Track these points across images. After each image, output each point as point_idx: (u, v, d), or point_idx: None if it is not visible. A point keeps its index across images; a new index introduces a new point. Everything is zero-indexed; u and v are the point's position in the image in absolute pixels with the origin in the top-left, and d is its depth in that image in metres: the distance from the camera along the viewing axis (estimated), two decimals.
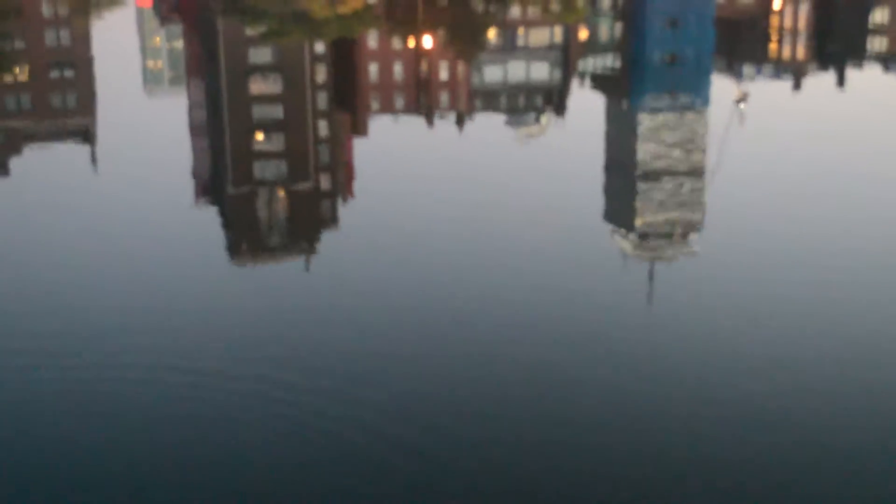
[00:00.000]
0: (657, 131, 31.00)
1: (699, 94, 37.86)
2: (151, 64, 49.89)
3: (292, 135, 31.60)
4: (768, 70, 43.49)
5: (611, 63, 45.66)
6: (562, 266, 19.50)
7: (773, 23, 60.75)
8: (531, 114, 35.00)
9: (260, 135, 31.54)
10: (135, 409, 14.10)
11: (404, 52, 49.86)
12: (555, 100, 37.48)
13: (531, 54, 47.66)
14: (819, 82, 39.69)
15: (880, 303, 17.65)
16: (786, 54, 48.86)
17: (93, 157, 28.83)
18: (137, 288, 18.57)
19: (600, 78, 41.92)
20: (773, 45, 51.94)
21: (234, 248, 21.08)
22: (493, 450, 12.99)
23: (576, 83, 41.06)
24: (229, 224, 22.72)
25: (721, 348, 15.89)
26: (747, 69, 43.68)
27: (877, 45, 51.62)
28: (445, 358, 15.58)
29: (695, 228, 21.96)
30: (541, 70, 43.40)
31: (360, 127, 33.20)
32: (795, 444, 13.09)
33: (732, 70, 43.01)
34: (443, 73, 43.45)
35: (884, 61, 45.43)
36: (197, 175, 26.95)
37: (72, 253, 20.54)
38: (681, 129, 31.31)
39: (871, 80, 40.38)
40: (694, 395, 14.39)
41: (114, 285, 18.73)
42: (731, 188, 24.81)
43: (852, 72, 42.00)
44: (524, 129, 32.49)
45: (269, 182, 26.40)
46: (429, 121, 33.78)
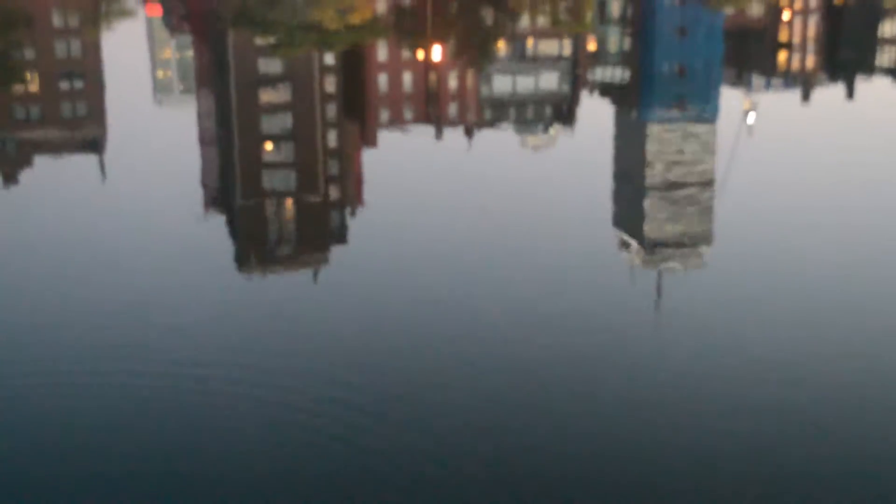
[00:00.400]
0: (666, 142, 31.00)
1: (708, 105, 37.87)
2: (161, 74, 50.03)
3: (301, 145, 31.65)
4: (777, 81, 43.48)
5: (620, 74, 45.68)
6: (571, 277, 19.49)
7: (783, 34, 60.73)
8: (540, 124, 35.02)
9: (269, 145, 31.60)
10: (141, 417, 14.11)
11: (414, 63, 49.93)
12: (564, 110, 37.50)
13: (540, 65, 47.70)
14: (828, 94, 39.67)
15: (893, 311, 17.61)
16: (795, 65, 48.84)
17: (102, 166, 28.90)
18: (146, 298, 18.60)
19: (609, 89, 41.95)
20: (782, 57, 51.93)
21: (242, 258, 21.11)
22: (503, 459, 12.98)
23: (585, 94, 41.08)
24: (238, 234, 22.76)
25: (730, 359, 15.86)
26: (756, 80, 43.68)
27: (886, 56, 51.58)
28: (454, 367, 15.58)
29: (704, 239, 21.94)
30: (550, 81, 43.44)
31: (369, 138, 33.25)
32: (807, 457, 13.05)
33: (741, 81, 43.01)
34: (452, 83, 43.51)
35: (893, 73, 45.38)
36: (206, 185, 27.00)
37: (80, 263, 20.58)
38: (690, 140, 31.31)
39: (880, 92, 40.34)
40: (703, 405, 14.36)
41: (122, 295, 18.75)
42: (740, 199, 24.79)
43: (862, 83, 41.98)
44: (533, 139, 32.51)
45: (278, 193, 26.43)
46: (438, 132, 33.81)
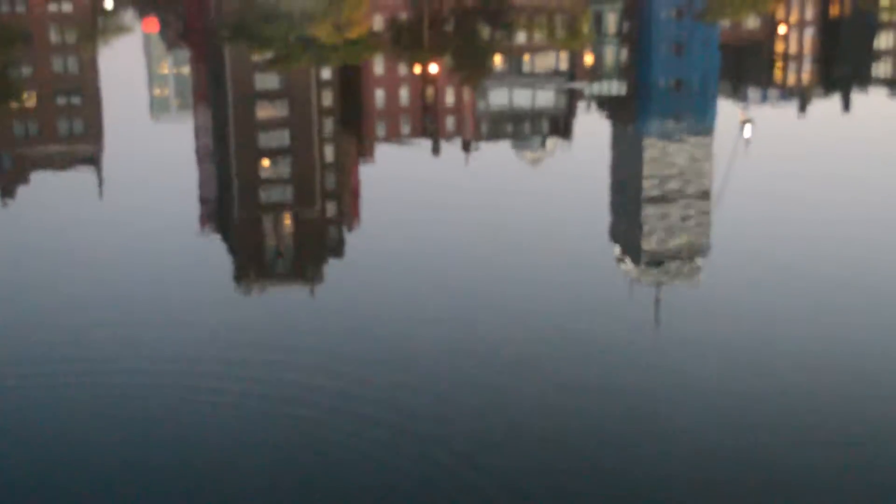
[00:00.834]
0: (663, 156, 31.03)
1: (704, 118, 37.92)
2: (158, 90, 50.06)
3: (299, 160, 31.67)
4: (773, 94, 43.55)
5: (616, 88, 45.75)
6: (567, 291, 19.48)
7: (779, 47, 60.87)
8: (537, 138, 35.05)
9: (266, 161, 31.61)
10: (136, 434, 14.08)
11: (411, 78, 50.00)
12: (560, 125, 37.54)
13: (537, 80, 47.77)
14: (824, 106, 39.73)
15: (890, 325, 17.60)
16: (791, 79, 48.93)
17: (99, 182, 28.90)
18: (142, 314, 18.58)
19: (606, 103, 42.00)
20: (778, 70, 52.03)
21: (240, 274, 21.10)
22: (502, 474, 12.96)
23: (581, 108, 41.12)
24: (235, 250, 22.75)
25: (728, 371, 15.84)
26: (752, 93, 43.75)
27: (882, 69, 51.68)
28: (451, 383, 15.56)
29: (701, 252, 21.95)
30: (546, 95, 43.50)
31: (366, 152, 33.26)
32: (807, 471, 13.04)
33: (737, 94, 43.08)
34: (449, 98, 43.56)
35: (889, 85, 45.47)
36: (203, 201, 27.00)
37: (77, 279, 20.57)
38: (686, 153, 31.34)
39: (876, 105, 40.41)
40: (701, 417, 14.35)
41: (119, 311, 18.73)
42: (737, 212, 24.81)
43: (858, 96, 42.06)
44: (530, 153, 32.53)
45: (275, 208, 26.44)
46: (435, 146, 33.83)
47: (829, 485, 12.71)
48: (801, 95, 42.73)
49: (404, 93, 45.41)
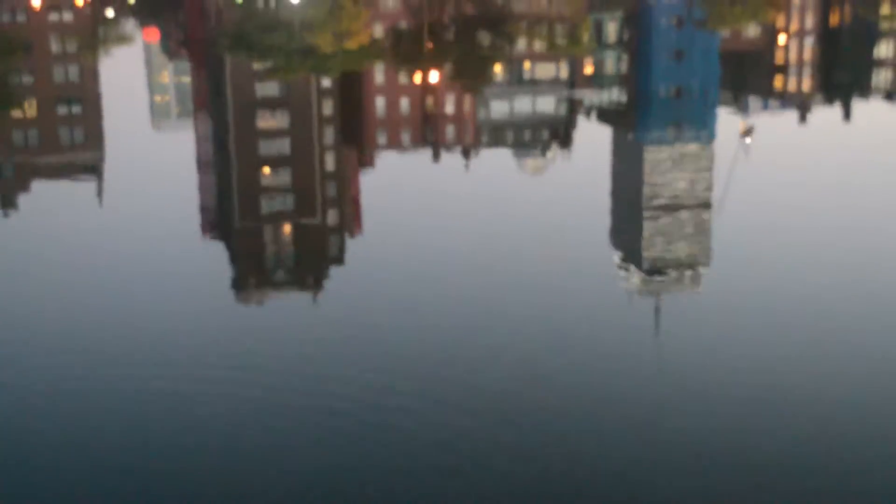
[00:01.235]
0: (663, 164, 31.04)
1: (705, 127, 37.94)
2: (159, 99, 50.11)
3: (299, 169, 31.68)
4: (774, 103, 43.58)
5: (617, 96, 45.79)
6: (568, 300, 19.47)
7: (779, 56, 60.93)
8: (537, 147, 35.07)
9: (267, 169, 31.63)
10: (135, 442, 14.06)
11: (411, 87, 50.04)
12: (561, 133, 37.56)
13: (537, 88, 47.81)
14: (825, 115, 39.75)
15: (891, 334, 17.58)
16: (791, 87, 48.97)
17: (99, 191, 28.91)
18: (143, 322, 18.56)
19: (606, 111, 42.03)
20: (778, 79, 52.08)
21: (240, 282, 21.09)
22: (507, 479, 12.94)
23: (582, 116, 41.15)
24: (236, 258, 22.75)
25: (729, 380, 15.83)
26: (753, 102, 43.78)
27: (882, 77, 51.73)
28: (452, 389, 15.54)
29: (701, 261, 21.94)
30: (547, 104, 43.53)
31: (366, 161, 33.28)
32: (806, 485, 13.02)
33: (738, 103, 43.11)
34: (449, 107, 43.60)
35: (889, 95, 45.50)
36: (204, 209, 27.00)
37: (78, 287, 20.55)
38: (687, 162, 31.35)
39: (876, 113, 40.43)
40: (704, 424, 14.33)
41: (120, 320, 18.72)
42: (738, 221, 24.80)
43: (858, 105, 42.08)
44: (531, 162, 32.55)
45: (276, 216, 26.44)
46: (435, 154, 33.84)
47: (834, 492, 12.70)
48: (801, 104, 42.76)
49: (405, 101, 45.46)
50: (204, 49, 70.60)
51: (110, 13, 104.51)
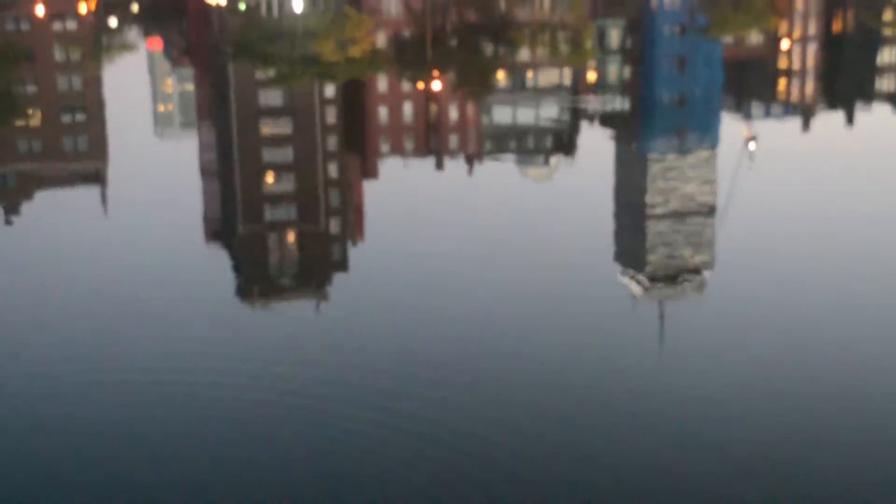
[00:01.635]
0: (666, 172, 31.04)
1: (708, 134, 37.93)
2: (162, 107, 50.17)
3: (302, 177, 31.70)
4: (777, 110, 43.58)
5: (620, 104, 45.80)
6: (572, 307, 19.46)
7: (782, 63, 60.93)
8: (540, 155, 35.08)
9: (270, 177, 31.65)
10: (141, 448, 14.06)
11: (414, 95, 50.07)
12: (564, 141, 37.57)
13: (540, 96, 47.83)
14: (828, 122, 39.74)
15: (893, 338, 17.57)
16: (794, 94, 48.97)
17: (103, 199, 28.94)
18: (147, 330, 18.57)
19: (609, 118, 42.03)
20: (781, 85, 52.08)
21: (244, 290, 21.10)
22: (504, 490, 12.94)
23: (585, 124, 41.15)
24: (240, 266, 22.76)
25: (731, 388, 15.81)
26: (756, 109, 43.77)
27: (885, 84, 51.72)
28: (455, 397, 15.53)
29: (705, 268, 21.93)
30: (550, 111, 43.54)
31: (369, 169, 33.30)
32: (809, 492, 13.01)
33: (741, 110, 43.11)
34: (452, 115, 43.62)
35: (892, 100, 45.48)
36: (208, 217, 27.02)
37: (82, 295, 20.57)
38: (690, 169, 31.34)
39: (880, 120, 40.41)
40: (707, 429, 14.32)
41: (125, 327, 18.73)
42: (741, 228, 24.79)
43: (861, 111, 42.06)
44: (534, 170, 32.55)
45: (279, 224, 26.46)
46: (438, 162, 33.86)
47: (842, 499, 12.69)
48: (804, 111, 42.75)
49: (408, 109, 45.49)
50: (207, 57, 70.67)
51: (114, 22, 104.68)
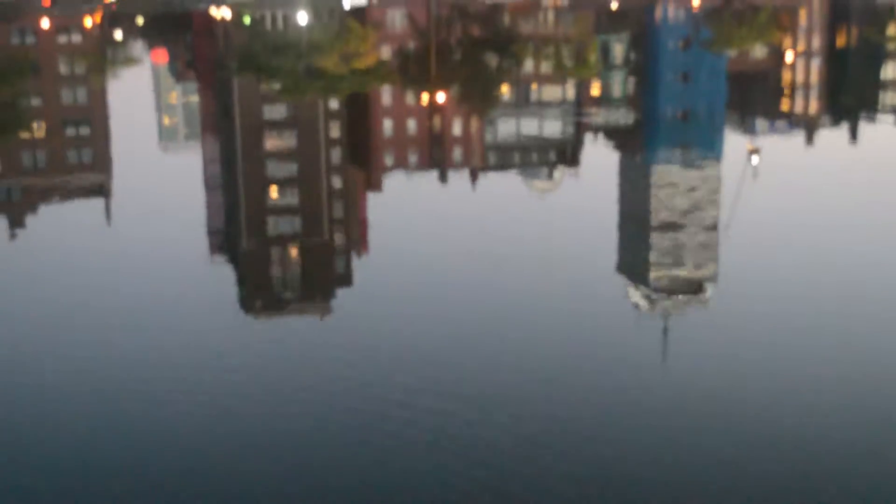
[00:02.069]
0: (670, 186, 31.05)
1: (712, 148, 37.95)
2: (167, 120, 50.27)
3: (307, 190, 31.73)
4: (781, 124, 43.60)
5: (624, 118, 45.84)
6: (577, 321, 19.45)
7: (786, 77, 60.98)
8: (544, 168, 35.11)
9: (274, 190, 31.68)
10: (144, 461, 14.05)
11: (418, 108, 50.15)
12: (568, 155, 37.60)
13: (544, 109, 47.88)
14: (832, 136, 39.75)
15: None
16: (798, 108, 49.00)
17: (107, 212, 28.97)
18: (151, 343, 18.57)
19: (613, 133, 42.06)
20: (785, 100, 52.12)
21: (248, 303, 21.11)
22: (516, 497, 12.94)
23: (589, 138, 41.19)
24: (244, 279, 22.77)
25: (736, 402, 15.79)
26: (760, 123, 43.80)
27: (889, 98, 51.74)
28: (460, 411, 15.51)
29: (709, 282, 21.92)
30: (554, 125, 43.59)
31: (374, 182, 33.34)
32: (814, 494, 12.98)
33: (745, 124, 43.13)
34: (456, 128, 43.67)
35: None
36: (212, 230, 27.05)
37: (86, 309, 20.57)
38: (694, 183, 31.36)
39: (884, 135, 40.42)
40: (711, 443, 14.30)
41: (127, 341, 18.73)
42: (745, 242, 24.79)
43: (865, 126, 42.07)
44: (538, 183, 32.58)
45: (283, 238, 26.48)
46: (442, 176, 33.89)
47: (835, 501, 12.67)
48: (808, 125, 42.77)
49: (412, 123, 45.55)
50: (212, 71, 70.81)
51: (119, 35, 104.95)
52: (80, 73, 69.20)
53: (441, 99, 52.16)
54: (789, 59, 69.64)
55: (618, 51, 78.24)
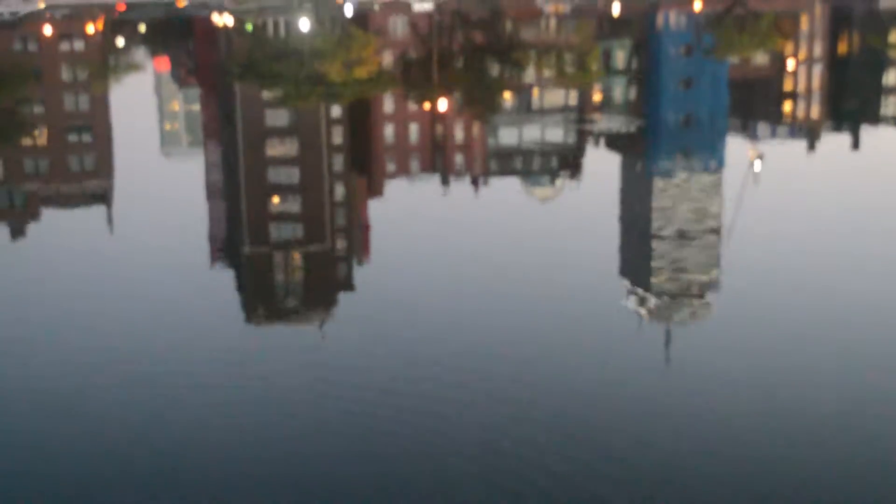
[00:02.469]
0: (672, 192, 31.05)
1: (714, 155, 37.94)
2: (169, 127, 50.32)
3: (308, 197, 31.74)
4: (783, 131, 43.59)
5: (626, 124, 45.84)
6: (579, 327, 19.44)
7: (787, 84, 61.00)
8: (546, 175, 35.11)
9: (276, 197, 31.70)
10: (142, 467, 14.05)
11: (420, 115, 50.17)
12: (570, 161, 37.61)
13: (546, 116, 47.89)
14: (834, 143, 39.74)
15: None
16: (800, 115, 49.00)
17: (109, 219, 28.99)
18: (152, 350, 18.57)
19: (615, 139, 42.07)
20: (787, 106, 52.12)
21: (249, 310, 21.10)
22: None
23: (591, 144, 41.20)
24: (245, 286, 22.77)
25: (739, 409, 15.78)
26: (762, 130, 43.80)
27: (891, 105, 51.74)
28: (461, 418, 15.51)
29: (711, 289, 21.91)
30: (556, 132, 43.59)
31: (376, 189, 33.35)
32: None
33: (747, 131, 43.13)
34: (458, 135, 43.69)
35: None
36: (213, 237, 27.05)
37: (87, 316, 20.58)
38: (696, 190, 31.36)
39: (886, 141, 40.41)
40: (713, 452, 14.28)
41: (129, 348, 18.73)
42: (747, 249, 24.77)
43: (867, 132, 42.06)
44: (540, 190, 32.58)
45: (285, 244, 26.48)
46: (444, 182, 33.89)
47: None
48: (810, 132, 42.76)
49: (414, 129, 45.57)
50: (214, 77, 70.89)
51: (121, 42, 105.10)
52: (82, 79, 69.27)
53: (443, 106, 52.19)
54: (791, 65, 69.64)
55: (619, 57, 78.29)
